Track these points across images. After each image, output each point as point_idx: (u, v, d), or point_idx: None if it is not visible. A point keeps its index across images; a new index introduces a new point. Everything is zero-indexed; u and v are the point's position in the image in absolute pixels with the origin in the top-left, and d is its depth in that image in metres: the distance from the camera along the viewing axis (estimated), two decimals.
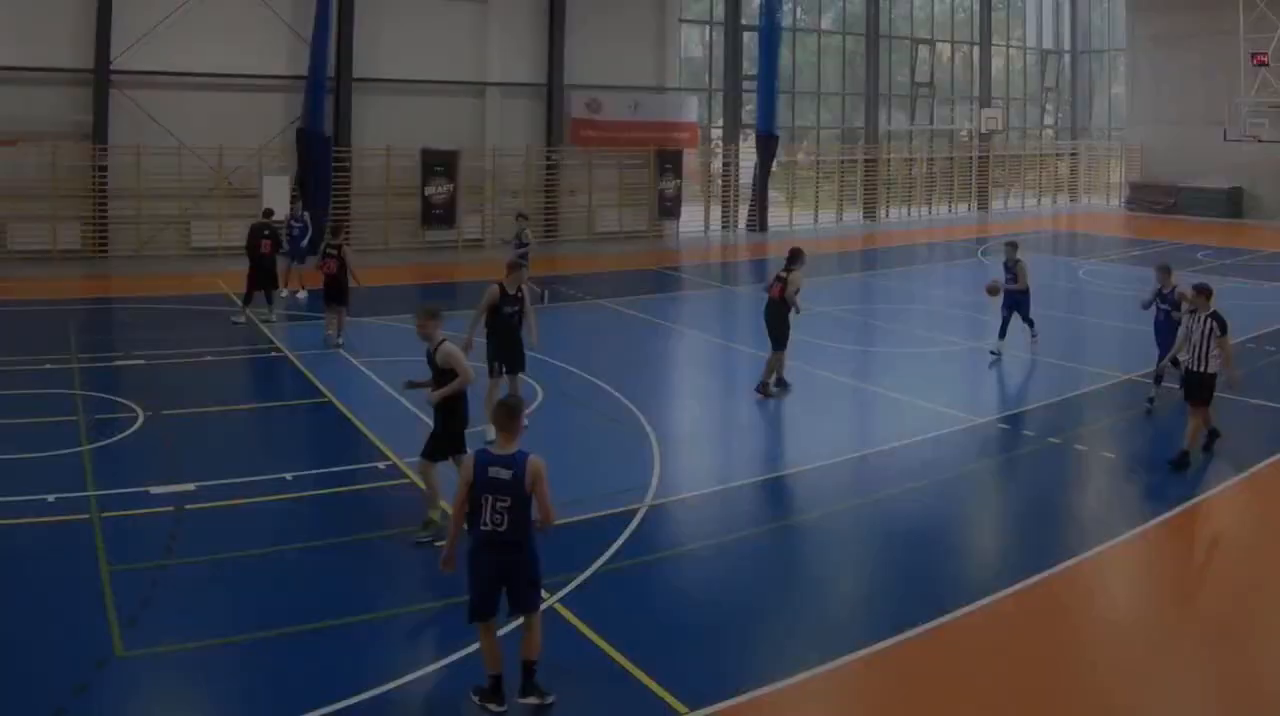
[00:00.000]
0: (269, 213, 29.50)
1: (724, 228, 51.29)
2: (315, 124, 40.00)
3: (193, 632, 11.09)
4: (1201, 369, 16.80)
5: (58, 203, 36.66)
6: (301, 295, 31.01)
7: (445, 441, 13.75)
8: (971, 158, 61.28)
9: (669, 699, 9.91)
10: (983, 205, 61.36)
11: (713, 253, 46.46)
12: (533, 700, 9.74)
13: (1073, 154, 66.47)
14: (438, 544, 12.52)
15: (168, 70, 37.94)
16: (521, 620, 10.10)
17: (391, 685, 10.12)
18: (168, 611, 11.58)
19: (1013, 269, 23.59)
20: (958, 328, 28.41)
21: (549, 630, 10.51)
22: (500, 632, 10.07)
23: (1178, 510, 15.43)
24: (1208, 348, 16.69)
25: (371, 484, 15.76)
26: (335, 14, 40.34)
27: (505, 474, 9.47)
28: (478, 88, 44.37)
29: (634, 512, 14.56)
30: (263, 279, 27.57)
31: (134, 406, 19.14)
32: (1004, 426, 19.30)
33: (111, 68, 37.23)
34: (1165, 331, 19.86)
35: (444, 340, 13.84)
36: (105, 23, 37.03)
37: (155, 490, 14.79)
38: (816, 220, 54.58)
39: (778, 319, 20.73)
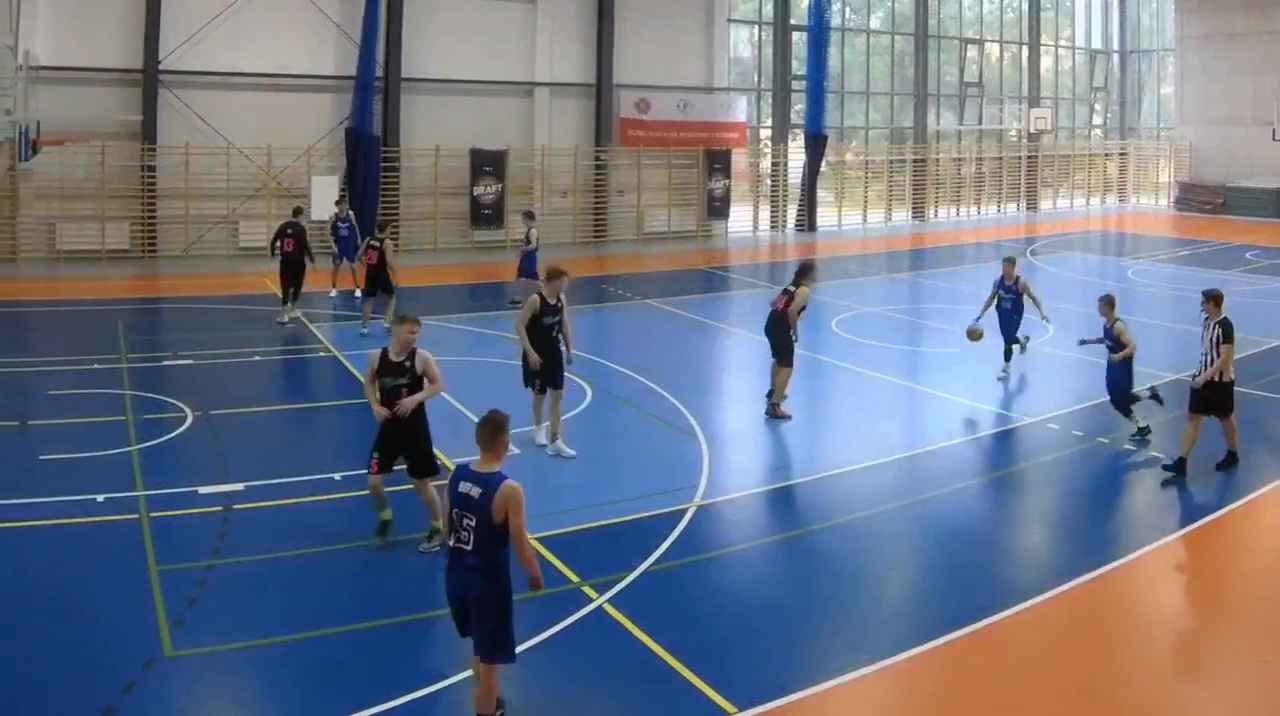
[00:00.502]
0: (298, 211, 28.58)
1: (772, 228, 50.23)
2: (364, 124, 39.13)
3: (240, 632, 10.94)
4: (1214, 378, 15.90)
5: (106, 202, 35.97)
6: (357, 294, 29.71)
7: (430, 455, 13.27)
8: (1020, 157, 59.44)
9: (718, 699, 9.71)
10: (1031, 205, 59.66)
11: (761, 253, 45.46)
12: None
13: (1121, 154, 64.55)
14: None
15: (216, 70, 37.27)
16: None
17: (440, 685, 9.91)
18: (215, 611, 11.40)
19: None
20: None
21: (598, 630, 10.73)
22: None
23: (1226, 510, 15.03)
24: (1216, 355, 15.85)
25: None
26: (384, 14, 39.54)
27: (475, 492, 8.79)
28: (526, 88, 43.33)
29: (683, 512, 14.25)
30: (287, 277, 26.76)
31: (182, 406, 18.80)
32: (1053, 426, 18.64)
33: (160, 67, 36.50)
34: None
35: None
36: (154, 23, 36.30)
37: (204, 490, 14.48)
38: (865, 220, 53.25)
39: (780, 333, 19.38)
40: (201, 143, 36.97)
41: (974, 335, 21.37)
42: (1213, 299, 16.19)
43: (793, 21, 50.25)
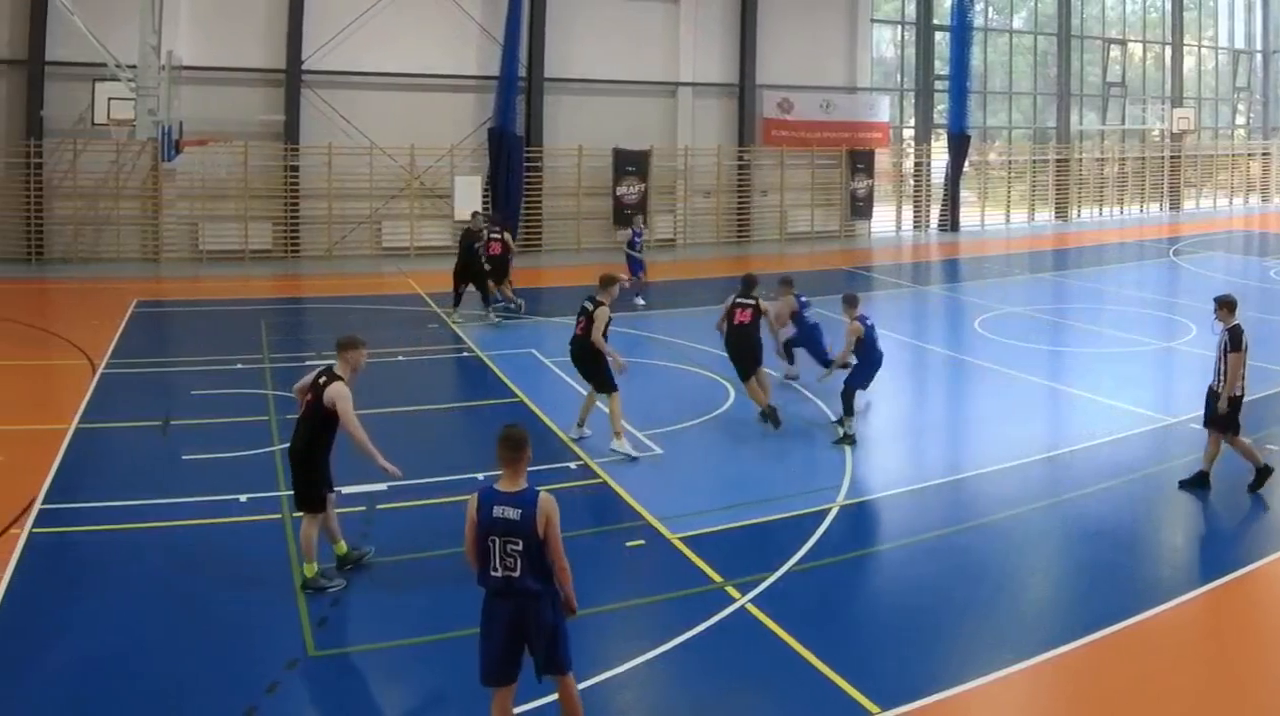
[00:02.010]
0: (477, 215, 26.28)
1: (916, 228, 46.79)
2: (507, 123, 36.35)
3: (383, 633, 10.44)
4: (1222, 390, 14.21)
5: (249, 203, 33.76)
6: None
7: (316, 487, 11.37)
8: (1163, 157, 55.05)
9: (860, 698, 9.11)
10: (1174, 205, 55.14)
11: (904, 253, 42.36)
12: None
13: (1264, 154, 59.47)
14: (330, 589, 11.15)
15: (359, 70, 34.95)
16: (556, 688, 8.38)
17: (583, 685, 8.86)
18: (358, 611, 10.86)
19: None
20: (1150, 327, 25.67)
21: (741, 630, 10.27)
22: (528, 707, 8.69)
23: None
24: (1225, 365, 14.19)
25: (563, 484, 14.04)
26: (527, 14, 36.89)
27: (514, 514, 7.84)
28: (669, 88, 40.09)
29: (825, 512, 13.45)
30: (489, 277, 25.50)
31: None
32: (1196, 427, 16.27)
33: (303, 68, 34.21)
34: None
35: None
36: (297, 23, 34.14)
37: (347, 490, 13.10)
38: (1008, 220, 49.51)
39: (743, 347, 17.26)
40: (344, 143, 34.63)
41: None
42: (1225, 305, 14.33)
43: (935, 21, 46.85)
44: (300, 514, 11.45)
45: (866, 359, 16.80)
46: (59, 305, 27.70)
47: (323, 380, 11.26)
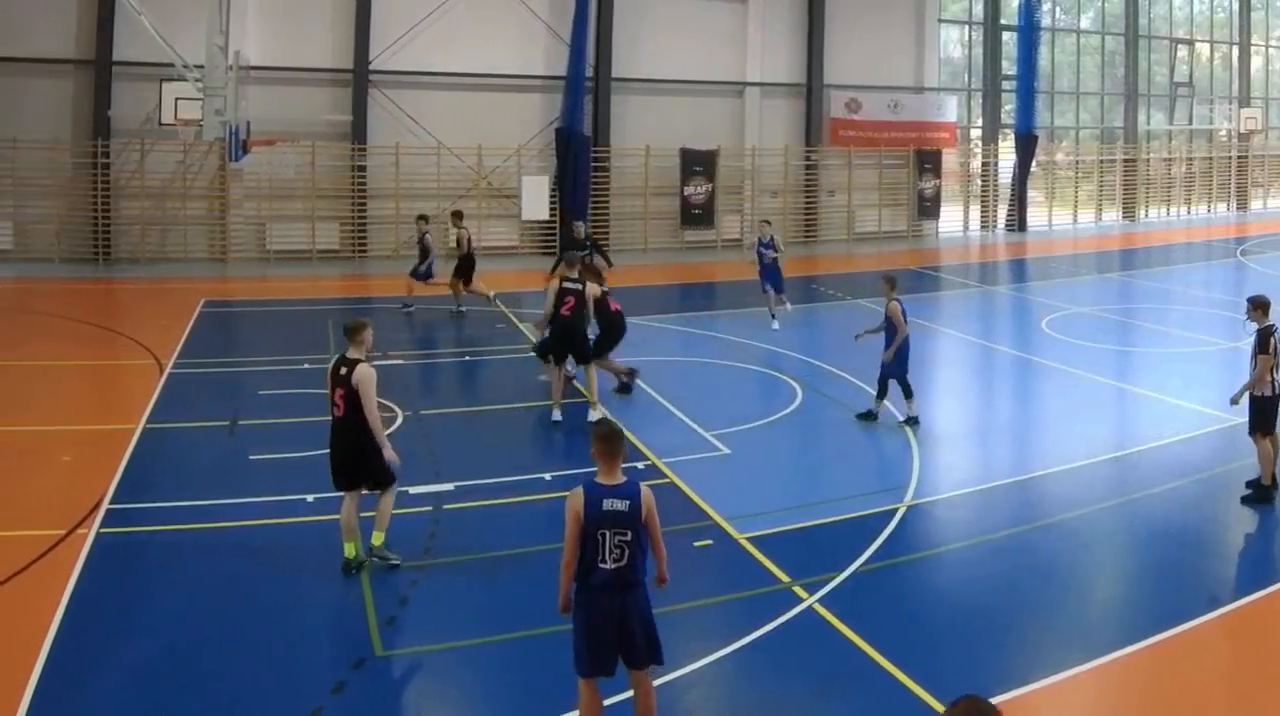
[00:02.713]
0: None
1: (983, 228, 44.87)
2: (574, 123, 34.82)
3: (450, 632, 10.08)
4: (1257, 392, 13.72)
5: (316, 203, 32.45)
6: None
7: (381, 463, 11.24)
8: (1230, 157, 52.76)
9: (928, 698, 8.80)
10: (1242, 205, 52.89)
11: (972, 253, 40.79)
12: None
13: None
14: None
15: (426, 70, 33.59)
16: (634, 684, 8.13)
17: (653, 683, 8.31)
18: (426, 611, 10.50)
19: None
20: (1216, 327, 24.71)
21: (808, 630, 10.00)
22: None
23: None
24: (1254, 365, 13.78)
25: None
26: (594, 14, 35.34)
27: (623, 505, 7.73)
28: (737, 87, 38.35)
29: (893, 512, 13.11)
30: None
31: (393, 406, 16.99)
32: None
33: (370, 68, 32.87)
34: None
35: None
36: (364, 23, 32.81)
37: (414, 490, 13.18)
38: (1075, 220, 47.52)
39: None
40: (411, 143, 33.25)
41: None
42: (1259, 306, 13.82)
43: (1003, 21, 44.88)
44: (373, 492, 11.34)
45: (894, 340, 16.55)
46: (126, 305, 26.86)
47: (344, 370, 10.96)
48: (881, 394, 16.72)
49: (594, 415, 16.21)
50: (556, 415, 16.55)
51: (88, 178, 30.97)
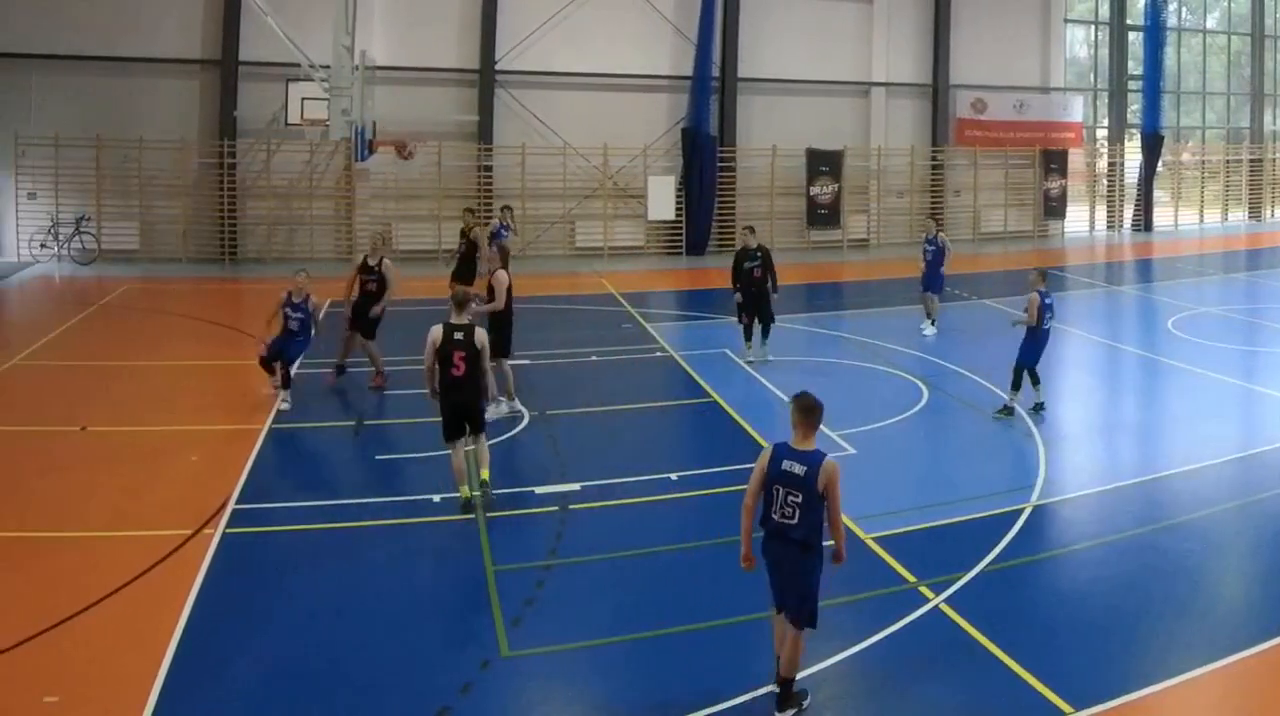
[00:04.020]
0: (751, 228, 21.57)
1: (1109, 227, 41.64)
2: (701, 124, 32.45)
3: (577, 633, 9.49)
4: None
5: (443, 203, 30.38)
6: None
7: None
8: None
9: (1054, 698, 8.29)
10: None
11: (1098, 253, 38.09)
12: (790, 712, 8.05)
13: None
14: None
15: (552, 70, 31.43)
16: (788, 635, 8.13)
17: (772, 687, 8.29)
18: (552, 611, 9.90)
19: None
20: None
21: (934, 629, 9.54)
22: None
23: None
24: None
25: None
26: (720, 14, 32.93)
27: (799, 469, 7.87)
28: (863, 88, 35.61)
29: (1019, 512, 12.39)
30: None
31: (519, 406, 16.29)
32: None
33: (496, 68, 30.75)
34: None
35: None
36: (490, 24, 30.79)
37: (540, 490, 12.86)
38: (1201, 220, 44.13)
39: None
40: (537, 143, 31.09)
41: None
42: None
43: (1129, 21, 41.50)
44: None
45: (1033, 333, 15.83)
46: (253, 305, 25.01)
47: (458, 335, 11.74)
48: (1016, 386, 15.95)
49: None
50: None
51: (214, 178, 29.23)
